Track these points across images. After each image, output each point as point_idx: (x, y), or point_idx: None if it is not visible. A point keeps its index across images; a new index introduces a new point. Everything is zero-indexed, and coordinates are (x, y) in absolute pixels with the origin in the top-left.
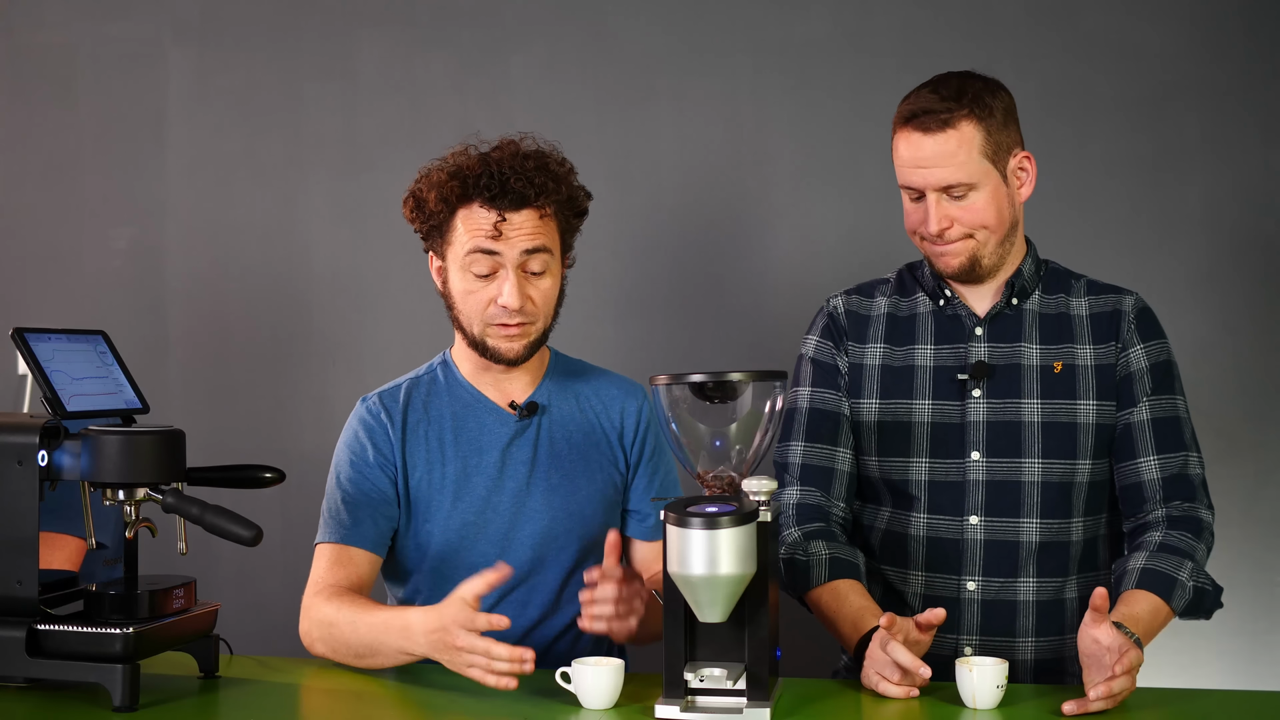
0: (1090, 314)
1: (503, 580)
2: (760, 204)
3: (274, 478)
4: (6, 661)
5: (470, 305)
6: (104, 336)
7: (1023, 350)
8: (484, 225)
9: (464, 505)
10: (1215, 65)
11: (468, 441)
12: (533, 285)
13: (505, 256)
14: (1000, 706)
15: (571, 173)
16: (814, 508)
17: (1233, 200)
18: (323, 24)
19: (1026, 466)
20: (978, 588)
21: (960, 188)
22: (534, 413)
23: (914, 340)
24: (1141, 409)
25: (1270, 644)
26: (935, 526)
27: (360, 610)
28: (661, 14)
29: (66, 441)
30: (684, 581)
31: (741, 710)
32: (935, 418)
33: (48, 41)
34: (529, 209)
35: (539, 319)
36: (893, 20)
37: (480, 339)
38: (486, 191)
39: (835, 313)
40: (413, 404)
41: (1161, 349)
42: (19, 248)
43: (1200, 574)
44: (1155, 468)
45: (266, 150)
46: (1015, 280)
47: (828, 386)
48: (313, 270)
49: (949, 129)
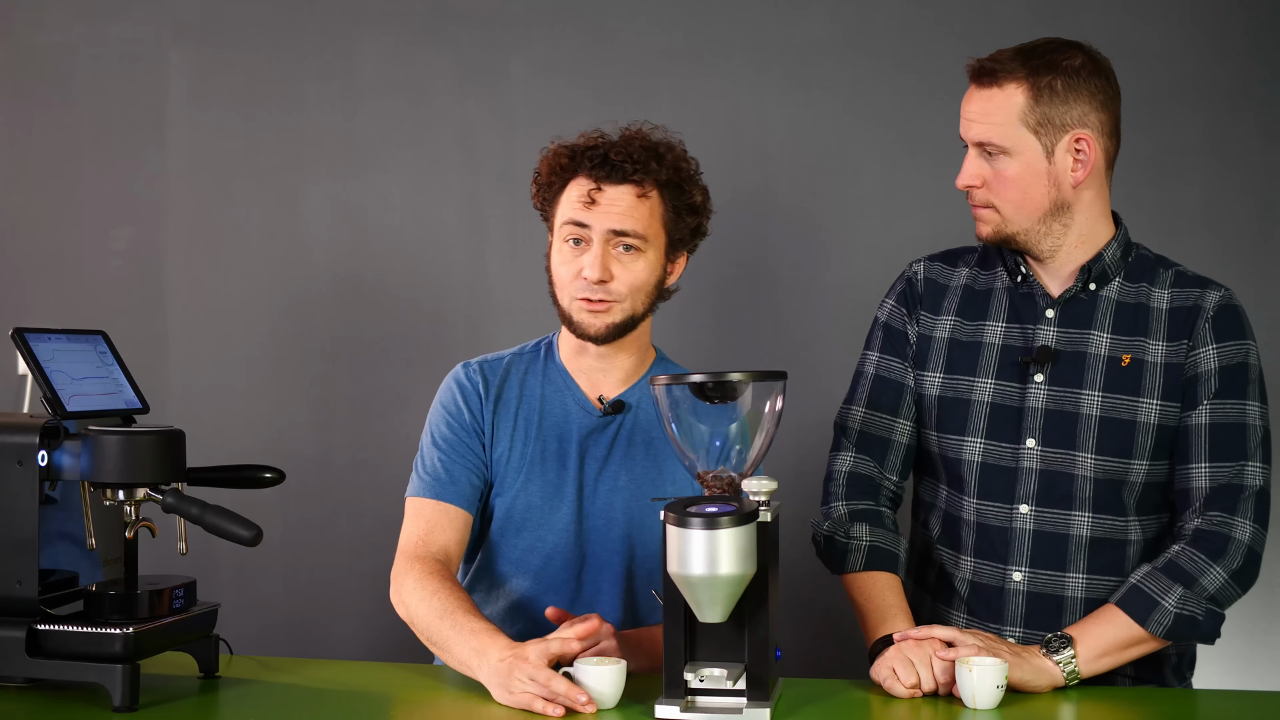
0: (1170, 308)
1: (591, 634)
2: (760, 204)
3: (274, 478)
4: (6, 661)
5: (561, 276)
6: (104, 336)
7: (1091, 338)
8: (582, 194)
9: (533, 488)
10: (1215, 65)
11: (551, 425)
12: (620, 264)
13: (594, 229)
14: (1000, 706)
15: (686, 161)
16: (865, 479)
17: (1233, 200)
18: (323, 24)
19: (1080, 459)
20: (1024, 579)
21: (993, 148)
22: (618, 410)
23: (986, 316)
24: (1201, 412)
25: (1270, 644)
26: (984, 512)
27: (453, 604)
28: (661, 14)
29: (66, 441)
30: (684, 581)
31: (741, 710)
32: (995, 398)
33: (48, 41)
34: (627, 184)
35: (624, 299)
36: (893, 20)
37: (568, 312)
38: (589, 162)
39: (914, 278)
40: (510, 378)
41: (1239, 350)
42: (19, 248)
43: (1192, 601)
44: (1205, 475)
45: (266, 150)
46: (1093, 264)
47: (895, 355)
48: (313, 270)
49: (994, 87)
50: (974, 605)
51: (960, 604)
